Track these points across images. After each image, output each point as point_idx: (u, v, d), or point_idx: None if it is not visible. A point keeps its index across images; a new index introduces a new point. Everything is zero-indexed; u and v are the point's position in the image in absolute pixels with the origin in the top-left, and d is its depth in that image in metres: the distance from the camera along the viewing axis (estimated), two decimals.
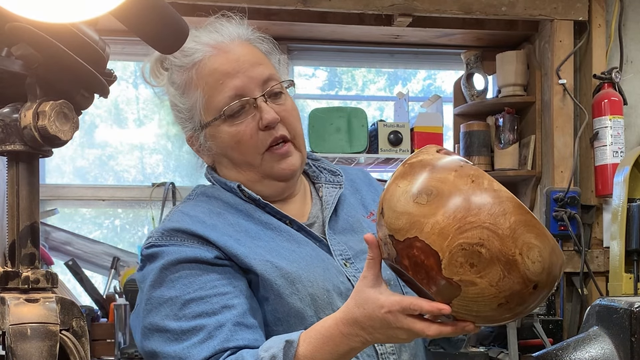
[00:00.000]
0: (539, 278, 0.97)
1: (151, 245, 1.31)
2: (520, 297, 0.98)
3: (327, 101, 3.76)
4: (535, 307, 1.03)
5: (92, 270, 3.27)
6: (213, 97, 1.34)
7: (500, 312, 1.00)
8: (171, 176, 3.50)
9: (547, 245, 0.98)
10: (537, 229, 0.97)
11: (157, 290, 1.27)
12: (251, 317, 1.25)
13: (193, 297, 1.24)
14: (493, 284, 0.96)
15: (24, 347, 0.81)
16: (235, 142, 1.34)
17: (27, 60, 0.83)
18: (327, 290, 1.29)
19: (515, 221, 0.95)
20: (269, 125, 1.33)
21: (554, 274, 1.00)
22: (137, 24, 0.86)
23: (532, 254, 0.96)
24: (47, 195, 3.28)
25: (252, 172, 1.37)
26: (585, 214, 3.12)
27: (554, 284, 1.01)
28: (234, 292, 1.25)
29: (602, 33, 3.16)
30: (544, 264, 0.97)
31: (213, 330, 1.21)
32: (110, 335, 2.91)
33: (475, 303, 0.99)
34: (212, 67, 1.34)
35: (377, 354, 1.31)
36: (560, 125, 3.11)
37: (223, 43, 1.36)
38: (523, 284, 0.97)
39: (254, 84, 1.34)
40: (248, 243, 1.30)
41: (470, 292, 0.97)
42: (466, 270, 0.96)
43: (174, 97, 1.39)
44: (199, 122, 1.37)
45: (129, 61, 3.54)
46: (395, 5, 3.02)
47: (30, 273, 0.85)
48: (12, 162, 0.87)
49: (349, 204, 1.45)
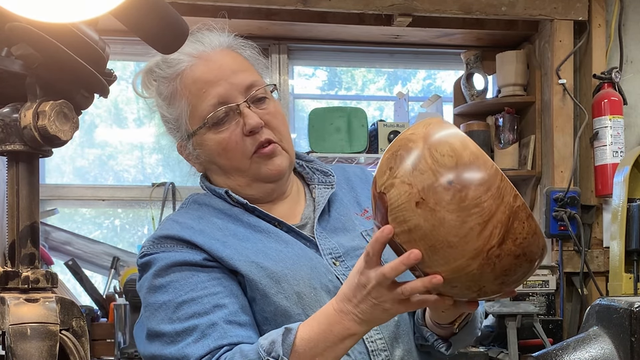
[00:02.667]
0: (452, 172, 0.98)
1: (143, 254, 1.35)
2: (433, 191, 0.98)
3: (327, 101, 3.76)
4: (455, 206, 0.98)
5: (92, 270, 3.27)
6: (197, 106, 1.37)
7: (424, 214, 0.98)
8: (171, 176, 3.50)
9: (460, 139, 1.00)
10: (447, 125, 1.03)
11: (152, 297, 1.31)
12: (243, 315, 1.27)
13: (185, 300, 1.27)
14: (406, 181, 1.00)
15: (24, 347, 0.81)
16: (222, 149, 1.37)
17: (27, 60, 0.83)
18: (314, 288, 1.31)
19: (427, 128, 1.03)
20: (253, 130, 1.35)
21: (468, 169, 0.98)
22: (137, 24, 0.86)
23: (442, 149, 0.99)
24: (47, 195, 3.28)
25: (240, 177, 1.39)
26: (585, 214, 3.12)
27: (470, 182, 0.98)
28: (224, 291, 1.28)
29: (602, 33, 3.16)
30: (456, 158, 0.98)
31: (206, 329, 1.24)
32: (110, 335, 2.91)
33: (399, 210, 1.00)
34: (194, 77, 1.37)
35: (368, 350, 1.32)
36: (560, 125, 3.11)
37: (205, 52, 1.39)
38: (434, 177, 0.98)
39: (237, 90, 1.36)
40: (235, 245, 1.32)
41: (393, 196, 1.01)
42: (388, 176, 1.03)
43: (162, 108, 1.43)
44: (186, 131, 1.40)
45: (129, 61, 3.54)
46: (395, 5, 3.02)
47: (30, 273, 0.85)
48: (12, 162, 0.87)
49: (342, 203, 1.47)
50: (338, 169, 1.54)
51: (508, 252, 0.99)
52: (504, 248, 0.98)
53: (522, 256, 1.00)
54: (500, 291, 1.05)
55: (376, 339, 1.33)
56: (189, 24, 0.95)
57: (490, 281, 1.02)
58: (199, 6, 2.88)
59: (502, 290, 1.05)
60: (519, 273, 1.02)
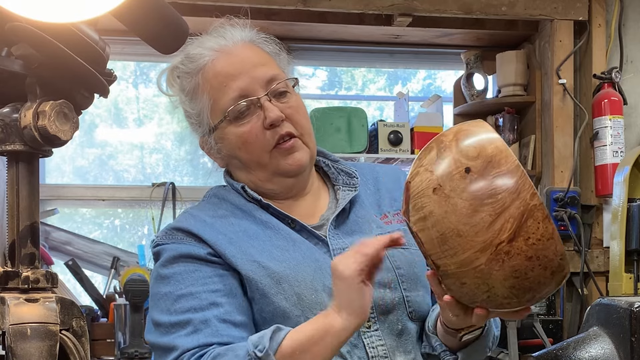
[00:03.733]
0: (473, 161, 0.99)
1: (156, 243, 1.37)
2: (451, 178, 0.99)
3: (327, 101, 3.77)
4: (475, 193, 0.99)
5: (92, 270, 3.27)
6: (218, 100, 1.37)
7: (439, 200, 0.99)
8: (171, 176, 3.50)
9: (488, 135, 1.01)
10: (483, 125, 1.05)
11: (157, 286, 1.33)
12: (239, 315, 1.28)
13: (184, 293, 1.28)
14: (429, 169, 1.02)
15: (24, 347, 0.81)
16: (242, 143, 1.36)
17: (27, 60, 0.83)
18: (316, 290, 1.30)
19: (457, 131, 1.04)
20: (274, 124, 1.35)
21: (489, 160, 0.99)
22: (137, 24, 0.86)
23: (468, 141, 1.01)
24: (47, 195, 3.28)
25: (261, 172, 1.39)
26: (585, 214, 3.12)
27: (490, 166, 0.99)
28: (224, 289, 1.29)
29: (602, 33, 3.16)
30: (479, 149, 0.99)
31: (199, 325, 1.26)
32: (110, 335, 2.91)
33: (418, 196, 1.02)
34: (215, 70, 1.37)
35: (369, 356, 1.30)
36: (560, 125, 3.11)
37: (227, 46, 1.39)
38: (454, 165, 1.00)
39: (258, 84, 1.36)
40: (241, 243, 1.32)
41: (415, 183, 1.03)
42: (416, 165, 1.05)
43: (184, 104, 1.43)
44: (207, 125, 1.39)
45: (129, 61, 3.54)
46: (395, 5, 3.02)
47: (30, 273, 0.85)
48: (12, 162, 0.87)
49: (363, 205, 1.45)
50: (368, 168, 1.53)
51: (518, 251, 0.97)
52: (514, 245, 0.97)
53: (534, 259, 0.97)
54: (512, 298, 1.02)
55: (377, 345, 1.32)
56: (189, 24, 0.95)
57: (499, 281, 0.99)
58: (199, 6, 2.88)
59: (514, 297, 1.01)
60: (531, 279, 0.99)
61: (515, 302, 1.03)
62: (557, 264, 0.99)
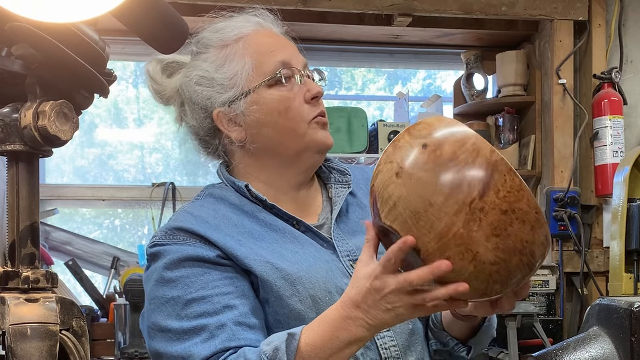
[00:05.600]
0: (426, 138, 1.02)
1: (154, 244, 1.31)
2: (409, 158, 1.01)
3: (327, 101, 3.77)
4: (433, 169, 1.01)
5: (92, 270, 3.27)
6: (262, 63, 1.36)
7: (403, 182, 1.01)
8: (171, 176, 3.50)
9: (436, 117, 1.06)
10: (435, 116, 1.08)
11: (159, 290, 1.27)
12: (253, 317, 1.24)
13: (195, 297, 1.23)
14: (387, 161, 1.04)
15: (24, 347, 0.81)
16: (285, 108, 1.35)
17: (27, 60, 0.83)
18: (329, 292, 1.28)
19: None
20: (317, 96, 1.37)
21: (441, 131, 1.02)
22: (137, 24, 0.86)
23: (419, 126, 1.05)
24: (47, 195, 3.28)
25: (293, 141, 1.36)
26: (585, 214, 3.12)
27: (442, 144, 1.01)
28: (236, 292, 1.25)
29: (602, 33, 3.16)
30: (430, 128, 1.03)
31: (214, 330, 1.21)
32: (110, 335, 2.91)
33: (383, 189, 1.03)
34: (261, 39, 1.39)
35: (381, 357, 1.29)
36: (560, 125, 3.11)
37: (268, 26, 1.42)
38: (410, 147, 1.02)
39: (300, 63, 1.39)
40: (250, 244, 1.29)
41: (378, 180, 1.05)
42: (375, 169, 1.07)
43: (207, 72, 1.38)
44: (242, 88, 1.36)
45: (129, 61, 3.54)
46: (395, 5, 3.02)
47: (30, 273, 0.85)
48: (12, 162, 0.87)
49: (360, 204, 1.44)
50: (358, 170, 1.52)
51: (492, 205, 0.96)
52: (486, 200, 0.96)
53: (509, 212, 0.97)
54: (499, 263, 0.98)
55: (390, 346, 1.31)
56: (189, 24, 0.95)
57: (482, 244, 0.97)
58: (199, 6, 2.88)
59: (501, 262, 0.98)
60: (512, 236, 0.97)
61: (503, 268, 0.99)
62: (534, 217, 0.98)
